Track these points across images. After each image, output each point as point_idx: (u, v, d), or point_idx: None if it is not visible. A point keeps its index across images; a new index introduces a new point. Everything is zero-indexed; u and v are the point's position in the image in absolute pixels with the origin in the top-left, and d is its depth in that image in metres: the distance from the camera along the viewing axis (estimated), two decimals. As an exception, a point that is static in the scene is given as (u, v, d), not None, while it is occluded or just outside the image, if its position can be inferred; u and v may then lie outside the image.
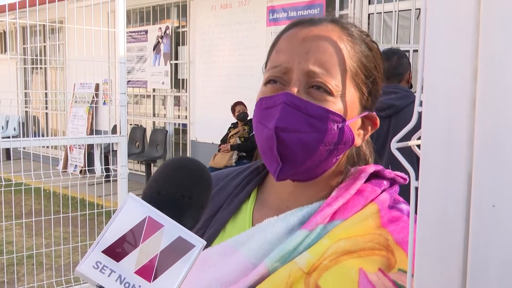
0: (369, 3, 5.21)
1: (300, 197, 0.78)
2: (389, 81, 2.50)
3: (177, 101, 7.67)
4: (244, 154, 5.97)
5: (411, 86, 2.70)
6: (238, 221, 0.81)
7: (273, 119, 0.70)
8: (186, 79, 7.32)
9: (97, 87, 7.65)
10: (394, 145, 0.47)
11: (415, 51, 4.42)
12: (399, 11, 4.50)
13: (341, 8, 4.41)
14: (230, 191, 0.84)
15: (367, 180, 0.78)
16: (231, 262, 0.74)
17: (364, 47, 0.76)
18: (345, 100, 0.72)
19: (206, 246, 0.78)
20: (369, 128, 0.79)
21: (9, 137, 2.82)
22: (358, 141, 0.77)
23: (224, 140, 6.15)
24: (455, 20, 0.41)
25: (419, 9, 4.90)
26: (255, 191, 0.84)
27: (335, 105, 0.71)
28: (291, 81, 0.72)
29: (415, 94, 2.52)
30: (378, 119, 0.79)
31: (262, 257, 0.72)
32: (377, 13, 4.47)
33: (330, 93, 0.71)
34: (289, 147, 0.69)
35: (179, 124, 7.66)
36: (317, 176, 0.76)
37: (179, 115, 7.68)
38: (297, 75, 0.71)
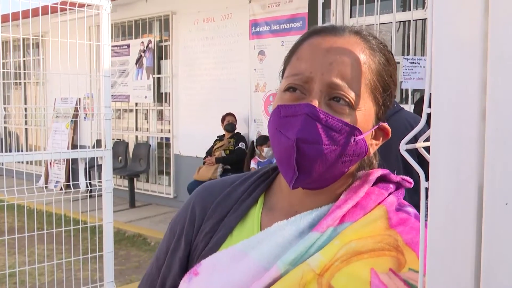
0: (351, 17, 5.28)
1: (309, 202, 0.79)
2: None
3: (160, 115, 7.64)
4: (229, 167, 5.96)
5: (395, 96, 2.73)
6: (246, 225, 0.81)
7: (293, 129, 0.70)
8: (169, 93, 7.30)
9: (78, 102, 7.58)
10: (403, 146, 0.47)
11: (396, 63, 4.49)
12: (379, 24, 4.56)
13: (323, 21, 4.45)
14: (237, 197, 0.84)
15: (374, 184, 0.79)
16: (242, 266, 0.74)
17: (384, 60, 0.77)
18: (363, 113, 0.74)
19: (214, 251, 0.78)
20: (381, 138, 0.81)
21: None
22: (370, 151, 0.78)
23: (209, 153, 6.14)
24: (463, 23, 0.42)
25: (399, 22, 4.99)
26: (263, 196, 0.85)
27: (354, 118, 0.73)
28: (312, 91, 0.72)
29: (400, 105, 2.55)
30: (390, 129, 0.80)
31: (274, 261, 0.72)
32: (358, 26, 4.53)
33: (350, 106, 0.72)
34: (307, 158, 0.70)
35: (162, 138, 7.61)
36: (328, 184, 0.77)
37: (162, 129, 7.64)
38: (319, 86, 0.72)
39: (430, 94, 0.44)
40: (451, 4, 0.42)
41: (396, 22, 4.70)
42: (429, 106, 0.44)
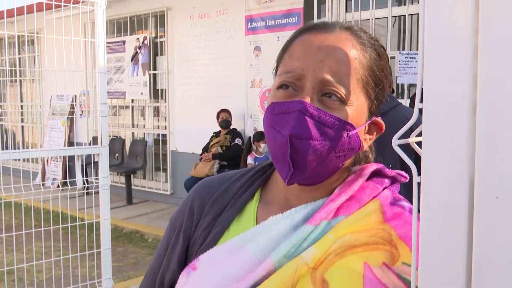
0: (346, 11, 5.28)
1: (304, 197, 0.80)
2: None
3: (156, 111, 7.63)
4: (226, 163, 5.97)
5: (393, 91, 2.73)
6: (243, 220, 0.82)
7: (287, 126, 0.71)
8: (165, 89, 7.29)
9: (74, 99, 7.56)
10: (395, 142, 0.48)
11: (392, 57, 4.50)
12: (375, 19, 4.57)
13: (319, 16, 4.46)
14: (234, 192, 0.85)
15: (369, 178, 0.80)
16: (238, 260, 0.75)
17: (375, 55, 0.78)
18: (355, 108, 0.75)
19: (211, 246, 0.79)
20: (375, 133, 0.81)
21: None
22: (364, 145, 0.79)
23: (206, 149, 6.14)
24: (454, 18, 0.42)
25: (395, 16, 4.99)
26: (259, 191, 0.86)
27: (346, 113, 0.73)
28: (305, 88, 0.73)
29: (397, 99, 2.56)
30: (383, 124, 0.81)
31: (269, 254, 0.74)
32: (354, 21, 4.54)
33: (342, 101, 0.73)
34: (301, 154, 0.71)
35: (158, 134, 7.61)
36: (323, 180, 0.78)
37: (158, 126, 7.64)
38: (311, 82, 0.73)
39: (422, 89, 0.45)
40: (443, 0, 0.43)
41: (392, 16, 4.70)
42: (421, 101, 0.45)
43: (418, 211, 0.46)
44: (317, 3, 3.86)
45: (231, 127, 6.15)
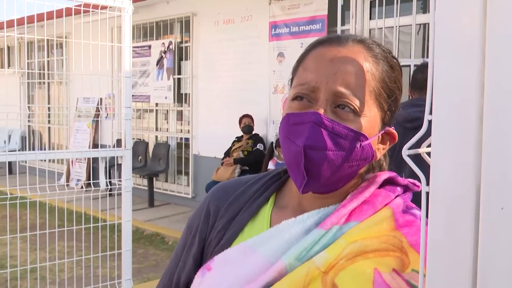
0: (370, 19, 5.26)
1: (318, 203, 0.82)
2: (422, 92, 2.52)
3: (180, 115, 7.71)
4: (247, 168, 5.99)
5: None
6: (257, 223, 0.85)
7: (301, 136, 0.74)
8: (189, 94, 7.37)
9: (100, 102, 7.70)
10: (405, 152, 0.49)
11: (416, 65, 4.46)
12: (399, 26, 4.54)
13: (343, 23, 4.45)
14: (249, 196, 0.88)
15: (381, 186, 0.82)
16: (251, 261, 0.77)
17: (387, 67, 0.80)
18: (368, 119, 0.77)
19: (226, 247, 0.81)
20: (388, 142, 0.83)
21: (11, 151, 2.83)
22: (377, 155, 0.81)
23: (228, 153, 6.18)
24: (462, 31, 0.43)
25: (420, 24, 4.95)
26: (274, 195, 0.88)
27: (359, 124, 0.76)
28: (319, 100, 0.76)
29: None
30: (396, 134, 0.83)
31: (280, 256, 0.76)
32: (378, 28, 4.52)
33: (355, 112, 0.75)
34: (315, 164, 0.74)
35: (181, 138, 7.69)
36: (337, 188, 0.80)
37: (181, 129, 7.72)
38: (324, 94, 0.75)
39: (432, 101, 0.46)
40: (451, 11, 0.44)
41: (416, 24, 4.67)
42: (430, 113, 0.46)
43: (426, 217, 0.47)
44: (341, 10, 3.85)
45: (253, 132, 6.17)
